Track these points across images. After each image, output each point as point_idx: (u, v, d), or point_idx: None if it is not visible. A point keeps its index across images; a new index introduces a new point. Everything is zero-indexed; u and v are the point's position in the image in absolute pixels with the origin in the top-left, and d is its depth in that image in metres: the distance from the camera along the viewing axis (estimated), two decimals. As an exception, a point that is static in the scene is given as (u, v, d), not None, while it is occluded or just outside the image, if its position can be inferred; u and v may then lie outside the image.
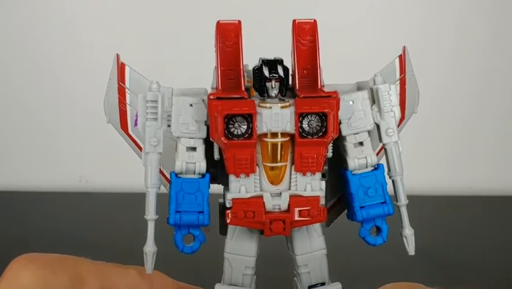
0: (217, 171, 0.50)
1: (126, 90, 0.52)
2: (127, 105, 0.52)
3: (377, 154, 0.52)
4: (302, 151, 0.47)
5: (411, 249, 0.51)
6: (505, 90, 1.21)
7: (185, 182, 0.48)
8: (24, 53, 1.17)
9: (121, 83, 0.53)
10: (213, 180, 0.51)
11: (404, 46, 0.55)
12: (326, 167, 0.51)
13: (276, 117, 0.46)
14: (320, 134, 0.46)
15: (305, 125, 0.46)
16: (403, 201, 0.51)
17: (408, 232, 0.51)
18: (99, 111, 0.51)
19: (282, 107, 0.46)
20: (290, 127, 0.46)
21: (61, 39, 1.16)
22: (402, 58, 0.54)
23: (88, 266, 0.50)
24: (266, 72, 0.48)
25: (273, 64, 0.48)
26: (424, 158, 0.50)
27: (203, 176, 0.49)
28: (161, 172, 0.52)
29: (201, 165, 0.49)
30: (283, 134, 0.47)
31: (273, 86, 0.47)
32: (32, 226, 1.03)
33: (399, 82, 0.54)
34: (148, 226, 0.49)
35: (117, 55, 0.53)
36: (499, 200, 1.18)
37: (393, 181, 0.51)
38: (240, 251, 0.50)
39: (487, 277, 0.89)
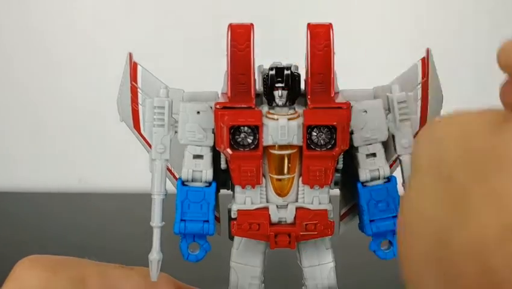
0: (227, 176, 0.49)
1: (139, 90, 0.52)
2: (139, 105, 0.52)
3: (391, 165, 0.50)
4: (309, 164, 0.45)
5: None
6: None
7: (191, 191, 0.48)
8: (24, 53, 1.16)
9: (133, 82, 0.52)
10: (223, 185, 0.51)
11: (428, 48, 0.52)
12: (338, 174, 0.50)
13: (282, 130, 0.44)
14: (328, 147, 0.45)
15: (313, 137, 0.45)
16: None
17: None
18: (99, 112, 0.51)
19: (289, 119, 0.45)
20: (297, 140, 0.45)
21: (61, 39, 1.15)
22: (425, 61, 0.51)
23: (91, 268, 0.50)
24: (272, 80, 0.46)
25: (280, 71, 0.46)
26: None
27: (209, 184, 0.48)
28: (171, 173, 0.52)
29: (207, 173, 0.48)
30: (291, 146, 0.45)
31: (280, 95, 0.46)
32: (31, 227, 1.03)
33: (420, 86, 0.51)
34: (154, 233, 0.48)
35: (130, 53, 0.52)
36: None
37: None
38: (246, 261, 0.49)
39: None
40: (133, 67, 0.52)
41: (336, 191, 0.52)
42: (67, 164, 1.19)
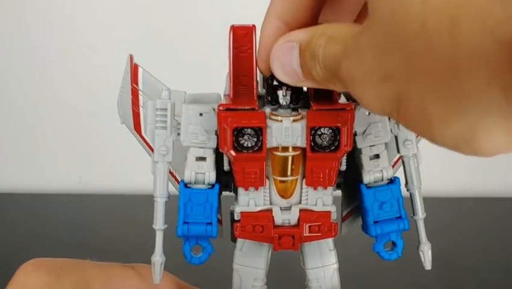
0: (229, 179, 0.49)
1: (140, 92, 0.51)
2: (140, 107, 0.52)
3: (393, 165, 0.50)
4: (313, 165, 0.45)
5: (427, 264, 0.49)
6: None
7: (194, 193, 0.47)
8: (22, 55, 1.16)
9: (134, 84, 0.52)
10: (225, 187, 0.50)
11: None
12: (340, 176, 0.50)
13: (286, 132, 0.44)
14: (332, 148, 0.44)
15: (317, 139, 0.44)
16: (420, 215, 0.49)
17: (425, 246, 0.49)
18: (99, 112, 0.51)
19: (293, 120, 0.45)
20: (301, 142, 0.44)
21: (59, 41, 1.15)
22: None
23: (93, 269, 0.50)
24: (276, 79, 0.46)
25: None
26: (424, 159, 0.49)
27: (212, 186, 0.48)
28: (173, 176, 0.51)
29: (210, 175, 0.47)
30: (294, 148, 0.45)
31: (284, 94, 0.45)
32: (31, 228, 1.03)
33: None
34: (156, 236, 0.48)
35: (131, 55, 0.52)
36: (500, 202, 1.16)
37: (410, 194, 0.49)
38: (249, 263, 0.49)
39: (486, 277, 0.89)
40: (134, 69, 0.52)
41: (337, 193, 0.52)
42: (67, 165, 1.19)
